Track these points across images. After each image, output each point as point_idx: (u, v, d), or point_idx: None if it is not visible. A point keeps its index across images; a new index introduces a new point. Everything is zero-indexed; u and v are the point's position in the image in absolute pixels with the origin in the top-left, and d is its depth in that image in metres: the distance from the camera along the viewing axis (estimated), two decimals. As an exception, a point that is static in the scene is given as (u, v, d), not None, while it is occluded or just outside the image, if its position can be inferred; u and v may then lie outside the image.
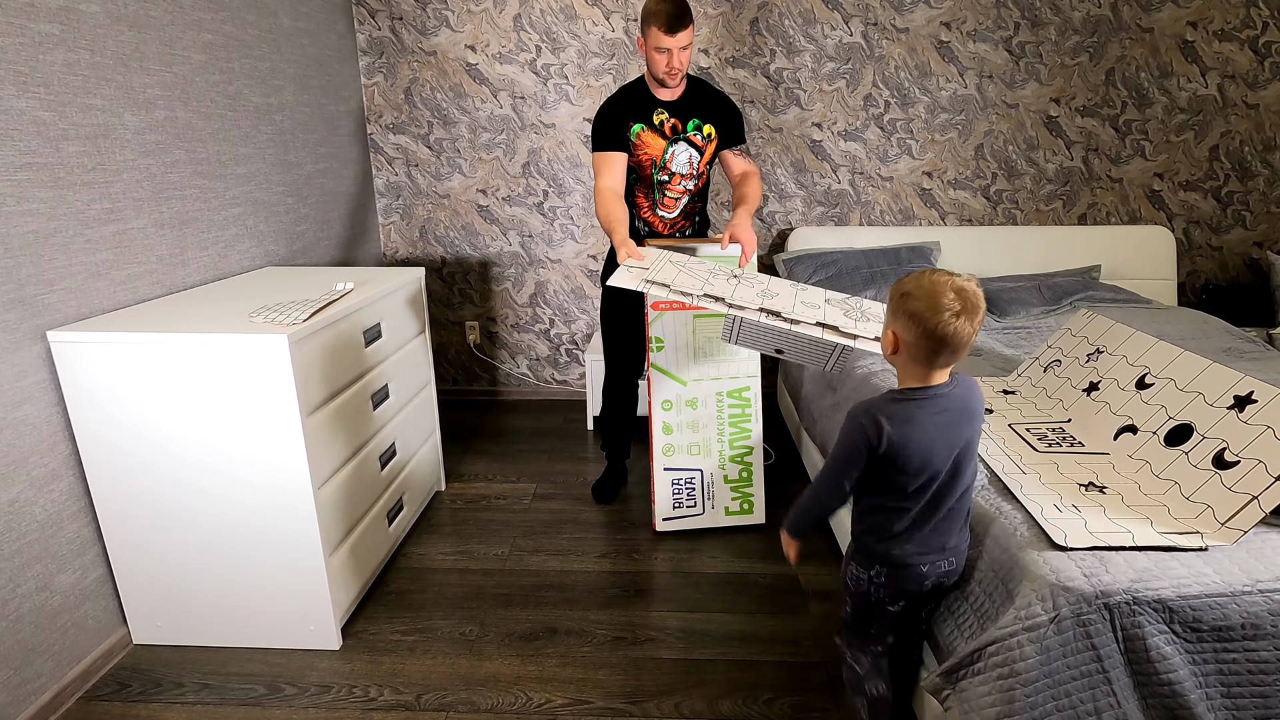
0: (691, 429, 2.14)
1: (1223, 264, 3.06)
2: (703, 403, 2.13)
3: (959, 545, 1.28)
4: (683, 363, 2.10)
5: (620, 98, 2.10)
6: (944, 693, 1.28)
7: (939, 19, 2.81)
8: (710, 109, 2.13)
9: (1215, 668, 1.13)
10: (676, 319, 2.07)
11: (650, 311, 2.08)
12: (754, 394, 2.14)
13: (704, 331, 2.09)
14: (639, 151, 2.11)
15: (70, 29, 1.56)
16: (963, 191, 3.02)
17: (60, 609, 1.56)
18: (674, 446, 2.14)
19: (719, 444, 2.15)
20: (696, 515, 2.19)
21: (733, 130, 2.17)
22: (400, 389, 2.08)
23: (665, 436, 2.13)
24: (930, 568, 1.25)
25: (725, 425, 2.14)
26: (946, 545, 1.25)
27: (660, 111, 2.08)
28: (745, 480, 2.19)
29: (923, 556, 1.24)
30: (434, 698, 1.57)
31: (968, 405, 1.19)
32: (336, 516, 1.72)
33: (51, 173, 1.51)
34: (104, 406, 1.54)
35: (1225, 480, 1.28)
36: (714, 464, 2.16)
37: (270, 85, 2.33)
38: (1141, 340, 1.70)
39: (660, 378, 2.10)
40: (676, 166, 2.13)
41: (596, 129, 2.08)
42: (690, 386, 2.12)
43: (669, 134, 2.10)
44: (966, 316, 1.12)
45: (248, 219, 2.21)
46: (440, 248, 3.17)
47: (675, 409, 2.12)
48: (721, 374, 2.12)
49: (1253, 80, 2.83)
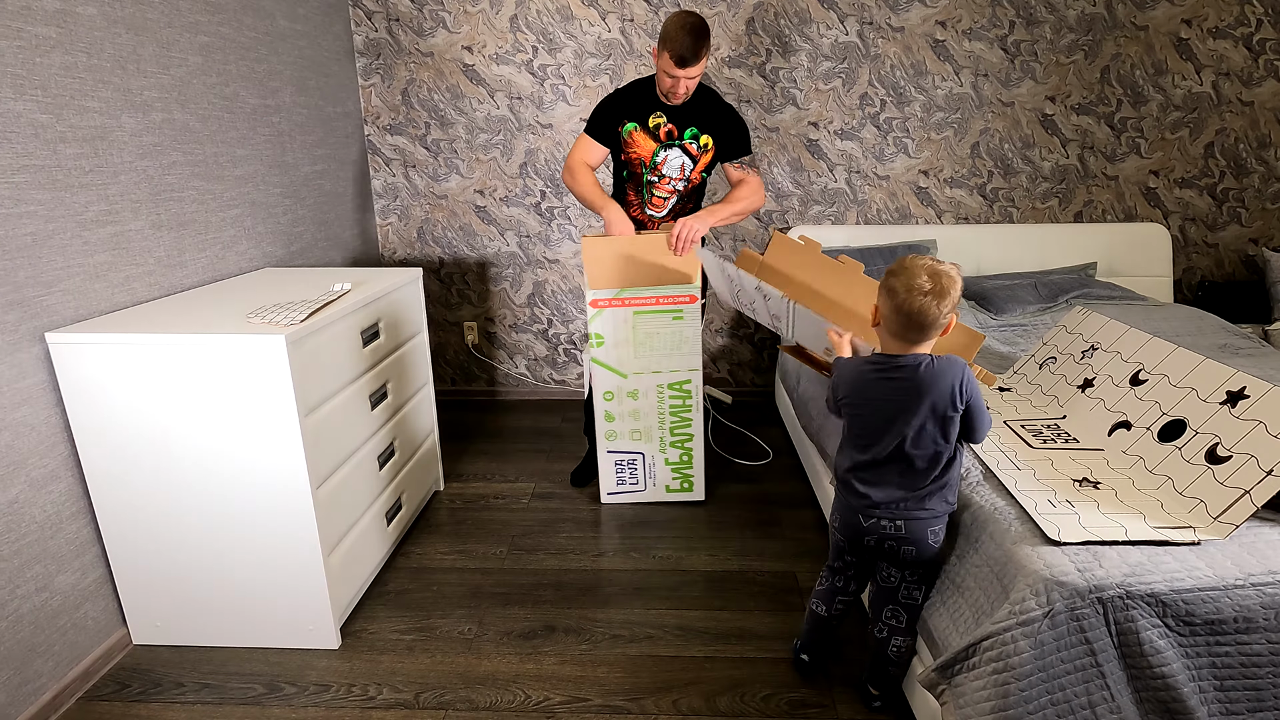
0: (633, 417, 2.26)
1: (1218, 261, 3.07)
2: (644, 394, 2.23)
3: (906, 509, 1.35)
4: (623, 358, 2.19)
5: (624, 93, 2.13)
6: (939, 688, 1.28)
7: (934, 18, 2.82)
8: (712, 120, 2.13)
9: (1208, 660, 1.13)
10: (616, 315, 2.15)
11: (589, 309, 2.14)
12: (695, 386, 2.23)
13: (644, 328, 2.16)
14: (629, 150, 2.14)
15: (67, 31, 1.57)
16: (959, 190, 3.02)
17: (60, 609, 1.56)
18: (616, 432, 2.28)
19: (660, 431, 2.27)
20: (639, 491, 2.36)
21: (734, 144, 2.17)
22: (398, 389, 2.08)
23: (608, 423, 2.27)
24: (871, 522, 1.38)
25: (666, 415, 2.26)
26: (883, 499, 1.36)
27: (658, 115, 2.09)
28: (685, 463, 2.32)
29: (860, 500, 1.38)
30: (433, 696, 1.58)
31: (927, 385, 1.29)
32: (335, 516, 1.72)
33: (49, 175, 1.52)
34: (102, 407, 1.55)
35: (1218, 475, 1.29)
36: (655, 448, 2.29)
37: (267, 87, 2.34)
38: (1135, 337, 1.71)
39: (600, 371, 2.20)
40: (667, 170, 2.15)
41: (593, 115, 2.15)
42: (631, 379, 2.22)
43: (663, 138, 2.11)
44: (935, 298, 1.25)
45: (245, 220, 2.22)
46: (438, 248, 3.18)
47: (617, 399, 2.24)
48: (662, 368, 2.21)
49: (1247, 78, 2.83)
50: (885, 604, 1.45)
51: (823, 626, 1.57)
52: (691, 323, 2.17)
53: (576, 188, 2.14)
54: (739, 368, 3.31)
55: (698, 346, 2.19)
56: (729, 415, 3.12)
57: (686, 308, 2.15)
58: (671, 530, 2.22)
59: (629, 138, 2.11)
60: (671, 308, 2.14)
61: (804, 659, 1.60)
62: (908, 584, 1.42)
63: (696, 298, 2.14)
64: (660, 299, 2.13)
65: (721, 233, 3.10)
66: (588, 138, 2.14)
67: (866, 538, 1.40)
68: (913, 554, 1.38)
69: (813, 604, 1.58)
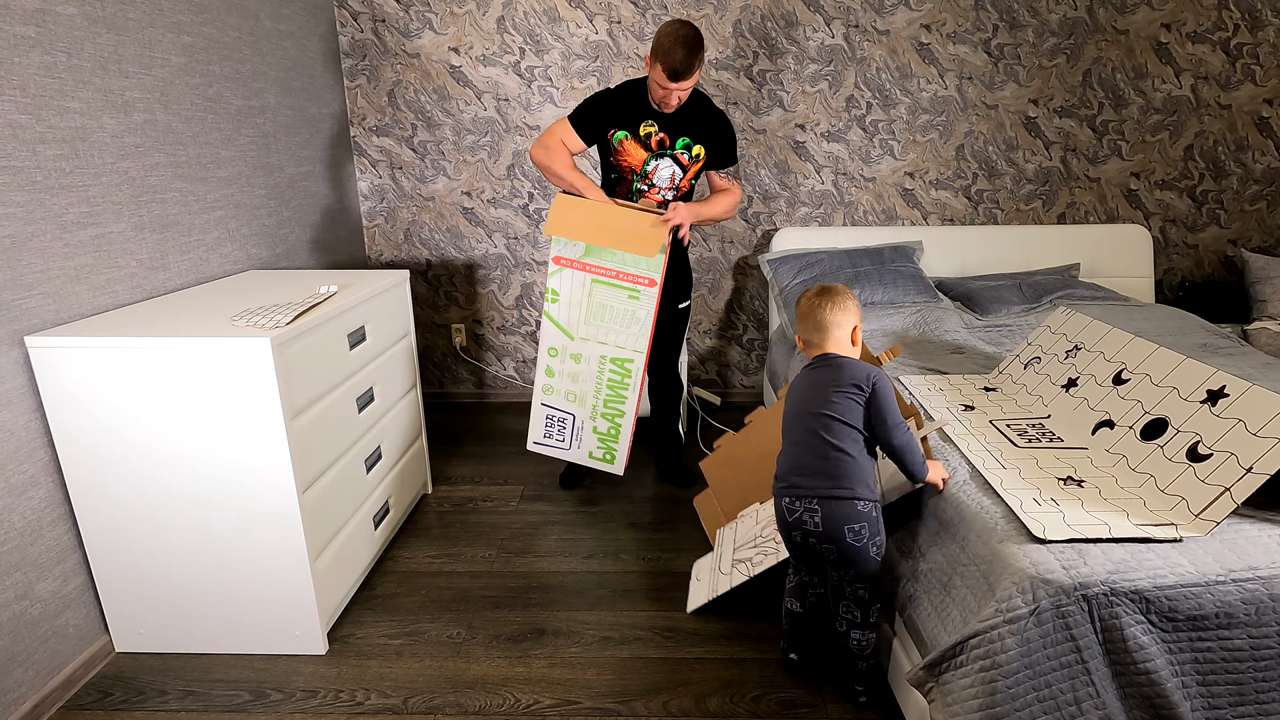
0: (572, 379, 2.28)
1: (1198, 261, 3.12)
2: (586, 360, 2.24)
3: (826, 509, 1.40)
4: (574, 319, 2.21)
5: (616, 96, 2.08)
6: (927, 685, 1.29)
7: (919, 21, 2.84)
8: (704, 130, 2.11)
9: (1191, 656, 1.15)
10: (575, 278, 2.16)
11: (550, 264, 2.16)
12: (636, 367, 2.23)
13: (599, 297, 2.17)
14: (620, 158, 2.12)
15: (47, 31, 1.55)
16: (944, 191, 3.05)
17: (40, 617, 1.54)
18: (553, 388, 2.30)
19: (595, 400, 2.28)
20: (564, 449, 2.37)
21: (723, 155, 2.18)
22: (385, 392, 2.07)
23: (546, 378, 2.30)
24: (793, 515, 1.44)
25: (604, 387, 2.27)
26: (796, 482, 1.43)
27: (650, 123, 2.07)
28: (612, 436, 2.32)
29: (780, 483, 1.47)
30: (421, 700, 1.56)
31: (819, 380, 1.47)
32: (322, 520, 1.71)
33: (28, 176, 1.50)
34: (84, 412, 1.53)
35: (1199, 473, 1.31)
36: (586, 414, 2.30)
37: (252, 88, 2.32)
38: (1118, 337, 1.73)
39: (550, 326, 2.22)
40: (658, 180, 2.14)
41: (582, 108, 2.09)
42: (577, 343, 2.23)
43: (654, 147, 2.09)
44: (820, 306, 1.50)
45: (229, 222, 2.20)
46: (425, 250, 3.16)
47: (560, 358, 2.26)
48: (609, 341, 2.22)
49: (1225, 81, 2.88)
50: (838, 600, 1.48)
51: (801, 622, 1.60)
52: (646, 305, 2.13)
53: (554, 165, 2.05)
54: (727, 369, 3.32)
55: (647, 330, 2.15)
56: (717, 416, 3.13)
57: (644, 289, 2.12)
58: (660, 533, 2.22)
59: (619, 146, 2.09)
60: (629, 285, 2.13)
61: (792, 658, 1.61)
62: (849, 583, 1.45)
63: (655, 282, 2.10)
64: (621, 274, 2.12)
65: (709, 234, 3.11)
66: (570, 126, 2.07)
67: (793, 533, 1.45)
68: (833, 554, 1.41)
69: (787, 602, 1.61)
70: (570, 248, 2.13)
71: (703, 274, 3.17)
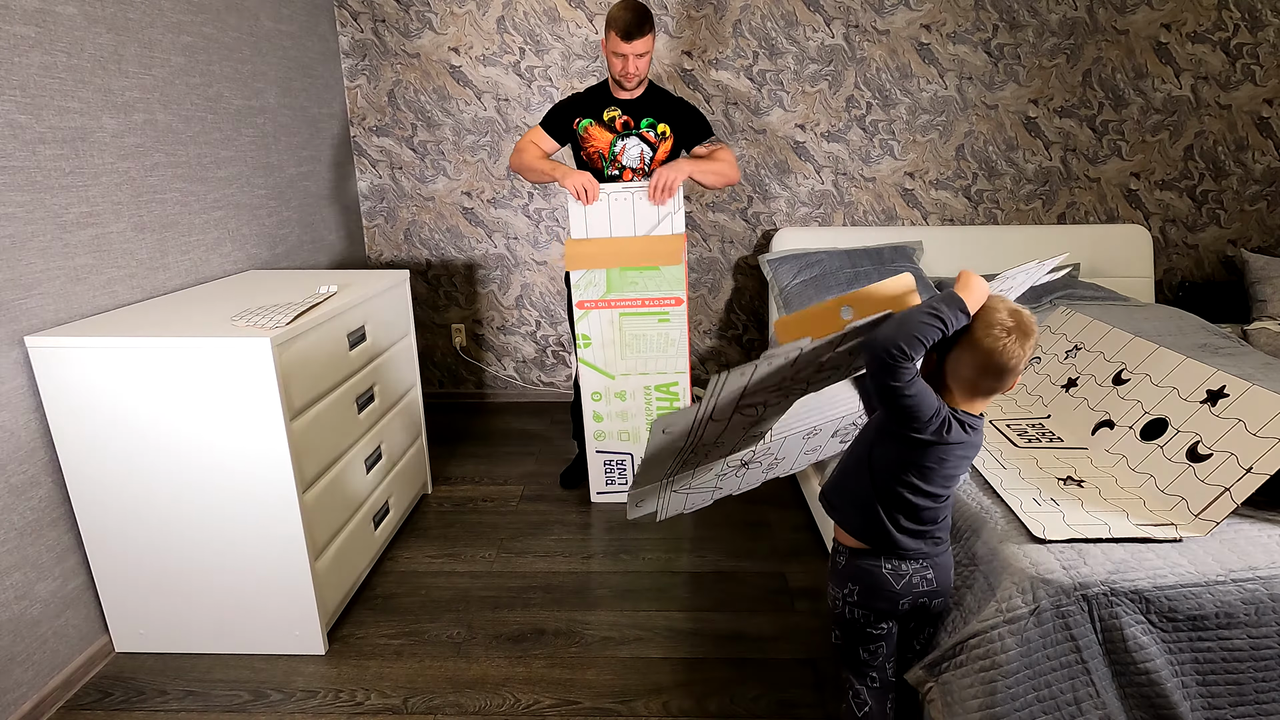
0: (621, 418, 2.28)
1: (1198, 261, 3.12)
2: (631, 395, 2.25)
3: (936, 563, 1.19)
4: (610, 359, 2.22)
5: (582, 93, 2.23)
6: (927, 685, 1.29)
7: (919, 21, 2.84)
8: (666, 110, 2.20)
9: (1190, 656, 1.15)
10: (602, 316, 2.18)
11: (576, 310, 2.17)
12: (682, 389, 2.25)
13: (630, 329, 2.19)
14: (587, 145, 2.20)
15: (46, 31, 1.55)
16: (944, 191, 3.05)
17: (40, 617, 1.54)
18: (605, 433, 2.31)
19: (647, 432, 2.21)
20: (628, 490, 2.28)
21: (692, 129, 2.23)
22: (386, 392, 2.07)
23: (596, 424, 2.30)
24: (901, 580, 1.18)
25: (654, 417, 2.21)
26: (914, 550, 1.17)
27: (612, 109, 2.16)
28: None
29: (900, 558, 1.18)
30: (421, 701, 1.56)
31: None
32: (322, 521, 1.71)
33: (28, 176, 1.50)
34: (84, 412, 1.53)
35: (1199, 473, 1.31)
36: (643, 448, 2.21)
37: (252, 88, 2.32)
38: (1118, 337, 1.73)
39: (588, 372, 2.22)
40: (627, 160, 2.20)
41: (549, 111, 2.22)
42: (619, 380, 2.24)
43: (619, 129, 2.17)
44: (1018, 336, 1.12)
45: (229, 222, 2.20)
46: (425, 250, 3.16)
47: (605, 400, 2.26)
48: (649, 369, 2.23)
49: (1225, 81, 2.88)
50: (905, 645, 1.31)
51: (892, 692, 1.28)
52: (678, 325, 2.18)
53: (526, 161, 2.16)
54: (727, 369, 3.31)
55: (684, 349, 2.20)
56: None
57: (673, 310, 2.16)
58: (660, 531, 2.22)
59: (585, 133, 2.18)
60: (657, 309, 2.16)
61: None
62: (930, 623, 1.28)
63: (682, 300, 2.15)
64: (646, 300, 2.15)
65: (709, 234, 3.11)
66: (540, 129, 2.21)
67: (901, 601, 1.19)
68: (943, 605, 1.24)
69: (870, 700, 1.26)
70: (592, 289, 2.14)
71: (703, 274, 3.17)
